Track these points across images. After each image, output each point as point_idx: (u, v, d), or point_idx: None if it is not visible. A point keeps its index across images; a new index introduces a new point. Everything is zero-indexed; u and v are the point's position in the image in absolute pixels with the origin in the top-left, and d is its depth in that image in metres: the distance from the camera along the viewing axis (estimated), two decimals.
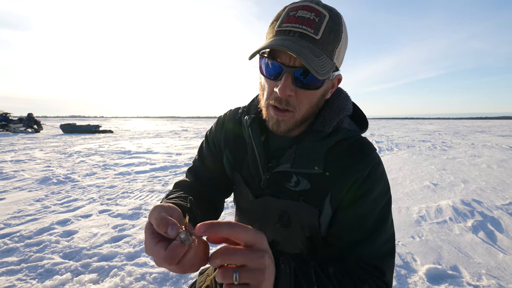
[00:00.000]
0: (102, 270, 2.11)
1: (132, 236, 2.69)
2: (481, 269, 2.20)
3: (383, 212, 0.60)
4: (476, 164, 6.66)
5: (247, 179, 0.73)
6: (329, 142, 0.61)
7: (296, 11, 0.53)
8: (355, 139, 0.63)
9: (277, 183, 0.66)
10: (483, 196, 4.04)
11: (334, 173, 0.60)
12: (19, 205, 3.53)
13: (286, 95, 0.54)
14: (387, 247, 0.59)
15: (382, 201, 0.60)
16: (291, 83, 0.54)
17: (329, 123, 0.62)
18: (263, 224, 0.71)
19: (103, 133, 18.04)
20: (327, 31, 0.53)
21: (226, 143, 0.78)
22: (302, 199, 0.63)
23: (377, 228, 0.58)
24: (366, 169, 0.59)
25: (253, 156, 0.69)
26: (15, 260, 2.23)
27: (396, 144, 11.63)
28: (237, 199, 0.83)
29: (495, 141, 12.69)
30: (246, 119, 0.69)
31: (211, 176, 0.81)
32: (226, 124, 0.80)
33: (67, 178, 5.02)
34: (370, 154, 0.61)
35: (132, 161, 6.91)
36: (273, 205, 0.67)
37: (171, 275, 2.05)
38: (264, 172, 0.67)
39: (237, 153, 0.75)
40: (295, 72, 0.53)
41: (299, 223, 0.64)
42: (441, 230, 2.92)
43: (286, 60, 0.54)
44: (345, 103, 0.66)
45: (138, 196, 4.01)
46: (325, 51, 0.54)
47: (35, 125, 17.27)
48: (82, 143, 11.37)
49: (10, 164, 6.39)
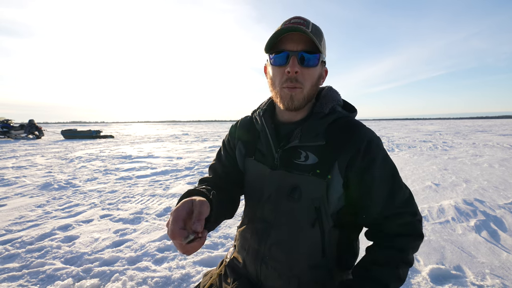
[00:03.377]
0: (103, 275, 2.10)
1: (133, 240, 2.68)
2: (485, 268, 2.18)
3: (393, 168, 0.74)
4: (478, 164, 6.64)
5: (261, 159, 0.84)
6: (328, 120, 0.75)
7: (290, 21, 0.72)
8: (349, 118, 0.78)
9: (288, 159, 0.77)
10: (485, 196, 4.02)
11: (337, 145, 0.73)
12: (20, 211, 3.53)
13: (294, 71, 0.70)
14: (407, 192, 0.74)
15: (388, 162, 0.74)
16: (297, 63, 0.70)
17: (326, 106, 0.78)
18: (277, 197, 0.78)
19: (104, 138, 18.09)
20: (314, 28, 0.72)
21: (239, 138, 0.93)
22: (311, 173, 0.73)
23: (394, 183, 0.73)
24: (364, 141, 0.72)
25: (265, 139, 0.83)
26: (16, 266, 2.22)
27: (397, 144, 11.62)
28: (249, 182, 0.89)
29: (496, 140, 12.66)
30: (259, 111, 0.87)
31: (227, 172, 0.94)
32: (239, 127, 0.95)
33: (68, 183, 5.02)
34: (363, 128, 0.75)
35: (133, 166, 6.92)
36: (286, 179, 0.76)
37: (172, 279, 2.04)
38: (276, 150, 0.79)
39: (249, 142, 0.89)
40: (299, 54, 0.70)
41: (309, 196, 0.73)
42: (443, 230, 2.91)
43: (290, 47, 0.71)
44: (336, 96, 0.82)
45: (139, 200, 4.01)
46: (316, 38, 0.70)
47: (36, 131, 17.34)
48: (83, 149, 11.40)
49: (12, 170, 6.41)
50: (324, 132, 0.74)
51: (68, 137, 17.96)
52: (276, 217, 0.78)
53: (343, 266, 0.78)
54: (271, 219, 0.79)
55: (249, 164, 0.87)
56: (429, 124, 48.30)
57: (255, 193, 0.84)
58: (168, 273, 2.12)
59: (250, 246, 0.84)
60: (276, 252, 0.78)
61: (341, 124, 0.76)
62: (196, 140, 16.38)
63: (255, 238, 0.82)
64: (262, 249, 0.80)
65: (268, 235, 0.79)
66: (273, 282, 0.78)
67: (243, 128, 0.93)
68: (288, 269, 0.76)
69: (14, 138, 16.96)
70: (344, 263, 0.79)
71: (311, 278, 0.76)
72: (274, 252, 0.78)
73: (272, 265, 0.78)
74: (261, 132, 0.85)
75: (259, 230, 0.81)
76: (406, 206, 0.73)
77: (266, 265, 0.79)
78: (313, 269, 0.75)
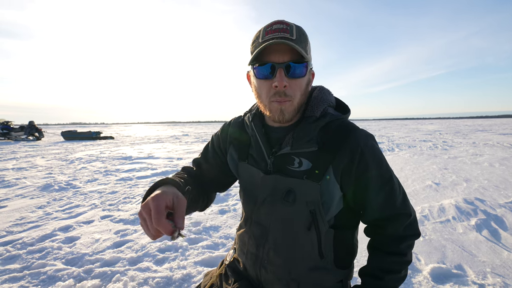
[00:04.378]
0: (104, 276, 2.11)
1: (134, 241, 2.68)
2: (486, 267, 2.18)
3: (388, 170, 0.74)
4: (478, 163, 6.64)
5: (254, 164, 0.82)
6: (319, 124, 0.72)
7: (271, 26, 0.67)
8: (341, 121, 0.75)
9: (281, 166, 0.76)
10: (486, 195, 4.02)
11: (330, 149, 0.71)
12: (21, 213, 3.53)
13: (283, 86, 0.66)
14: (402, 196, 0.75)
15: (383, 164, 0.73)
16: (284, 75, 0.66)
17: (317, 109, 0.74)
18: (272, 201, 0.77)
19: (104, 139, 18.08)
20: (298, 34, 0.67)
21: (231, 141, 0.90)
22: (305, 177, 0.72)
23: (391, 184, 0.73)
24: (358, 145, 0.70)
25: (257, 145, 0.81)
26: (17, 267, 2.22)
27: (397, 144, 11.61)
28: (243, 186, 0.88)
29: (496, 140, 12.66)
30: (248, 116, 0.83)
31: (210, 169, 0.94)
32: (231, 128, 0.92)
33: (68, 184, 5.02)
34: (356, 131, 0.73)
35: (133, 167, 6.92)
36: (281, 183, 0.75)
37: (173, 279, 2.04)
38: (269, 156, 0.77)
39: (241, 148, 0.87)
40: (285, 66, 0.66)
41: (304, 199, 0.72)
42: (444, 229, 2.91)
43: (275, 59, 0.66)
44: (328, 96, 0.79)
45: (139, 201, 4.00)
46: (301, 47, 0.66)
47: (36, 132, 17.34)
48: (83, 150, 11.40)
49: (12, 172, 6.41)
50: (315, 137, 0.72)
51: (68, 139, 17.97)
52: (272, 221, 0.78)
53: (341, 266, 0.79)
54: (267, 223, 0.79)
55: (243, 168, 0.85)
56: (429, 124, 48.30)
57: (250, 197, 0.84)
58: (169, 273, 2.12)
59: (249, 250, 0.84)
60: (274, 256, 0.77)
61: (334, 127, 0.74)
62: (196, 140, 16.38)
63: (252, 243, 0.82)
64: (261, 253, 0.80)
65: (266, 239, 0.79)
66: (273, 285, 0.79)
67: (235, 129, 0.90)
68: (287, 272, 0.76)
69: (14, 139, 16.97)
70: (343, 262, 0.79)
71: (311, 281, 0.76)
72: (272, 256, 0.78)
73: (271, 269, 0.78)
74: (251, 137, 0.83)
75: (257, 234, 0.81)
76: (404, 208, 0.74)
77: (266, 269, 0.79)
78: (312, 271, 0.75)
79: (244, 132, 0.87)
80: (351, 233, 0.81)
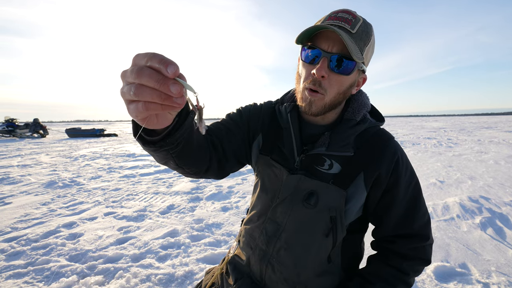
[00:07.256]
0: (107, 272, 2.12)
1: (137, 238, 2.70)
2: (490, 266, 2.16)
3: (417, 190, 0.73)
4: (483, 161, 6.57)
5: (278, 159, 0.77)
6: (358, 130, 0.70)
7: (337, 13, 0.63)
8: (378, 129, 0.74)
9: (310, 165, 0.72)
10: (491, 193, 3.98)
11: (365, 157, 0.69)
12: (25, 209, 3.57)
13: (320, 76, 0.62)
14: (426, 216, 0.73)
15: (413, 181, 0.72)
16: (326, 66, 0.62)
17: (358, 113, 0.72)
18: (292, 201, 0.74)
19: (108, 136, 18.19)
20: (360, 30, 0.62)
21: (263, 127, 0.83)
22: (332, 181, 0.69)
23: (415, 205, 0.72)
24: (394, 156, 0.70)
25: (289, 140, 0.76)
26: (22, 263, 2.25)
27: (401, 142, 11.52)
28: (262, 180, 0.82)
29: (502, 137, 12.51)
30: (286, 106, 0.77)
31: (228, 128, 0.80)
32: (264, 110, 0.85)
33: (72, 181, 5.06)
34: (392, 141, 0.73)
35: (137, 164, 6.95)
36: (304, 184, 0.71)
37: (176, 276, 2.05)
38: (299, 154, 0.73)
39: (269, 138, 0.80)
40: (331, 57, 0.62)
41: (327, 204, 0.70)
42: (448, 227, 2.88)
43: (325, 46, 0.62)
44: (367, 101, 0.76)
45: (142, 198, 4.03)
46: (358, 44, 0.62)
47: (41, 130, 17.48)
48: (87, 147, 11.48)
49: (17, 168, 6.47)
50: (352, 143, 0.70)
51: (72, 136, 18.10)
52: (289, 221, 0.74)
53: (348, 269, 0.78)
54: (283, 222, 0.75)
55: (264, 161, 0.80)
56: (434, 121, 47.88)
57: (268, 192, 0.79)
58: (171, 270, 2.12)
59: (257, 246, 0.80)
60: (284, 256, 0.75)
61: (371, 134, 0.72)
62: None
63: (263, 239, 0.79)
64: (270, 251, 0.77)
65: (278, 238, 0.76)
66: (278, 285, 0.76)
67: (268, 118, 0.83)
68: (295, 275, 0.74)
69: (19, 137, 17.13)
70: (350, 266, 0.78)
71: (317, 285, 0.74)
72: (282, 256, 0.75)
73: (278, 269, 0.75)
74: (284, 130, 0.77)
75: (269, 231, 0.77)
76: (422, 230, 0.72)
77: (273, 268, 0.76)
78: (320, 276, 0.74)
79: (274, 122, 0.81)
80: (360, 238, 0.80)
